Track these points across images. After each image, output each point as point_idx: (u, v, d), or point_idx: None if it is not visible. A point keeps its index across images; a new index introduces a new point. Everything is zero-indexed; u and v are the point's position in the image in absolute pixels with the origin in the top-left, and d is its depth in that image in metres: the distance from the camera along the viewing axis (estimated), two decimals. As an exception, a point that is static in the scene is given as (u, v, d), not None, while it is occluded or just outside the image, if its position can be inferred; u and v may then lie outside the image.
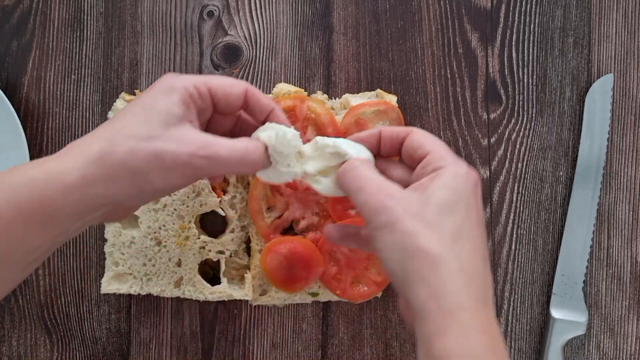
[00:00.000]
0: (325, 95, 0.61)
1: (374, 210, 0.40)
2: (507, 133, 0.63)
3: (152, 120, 0.42)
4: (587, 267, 0.62)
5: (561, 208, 0.63)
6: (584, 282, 0.61)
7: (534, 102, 0.63)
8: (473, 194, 0.41)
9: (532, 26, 0.63)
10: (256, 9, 0.63)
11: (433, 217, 0.39)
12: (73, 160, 0.40)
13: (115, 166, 0.40)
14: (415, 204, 0.40)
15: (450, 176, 0.41)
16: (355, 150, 0.46)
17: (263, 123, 0.48)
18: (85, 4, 0.63)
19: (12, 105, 0.60)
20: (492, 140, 0.63)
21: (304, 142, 0.48)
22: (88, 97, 0.63)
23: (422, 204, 0.40)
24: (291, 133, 0.46)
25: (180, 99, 0.43)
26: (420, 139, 0.44)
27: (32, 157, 0.62)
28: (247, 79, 0.63)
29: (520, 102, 0.63)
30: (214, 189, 0.60)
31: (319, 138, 0.47)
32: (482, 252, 0.41)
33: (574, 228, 0.61)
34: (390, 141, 0.46)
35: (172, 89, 0.43)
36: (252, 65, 0.63)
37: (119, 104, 0.60)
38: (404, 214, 0.39)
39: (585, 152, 0.62)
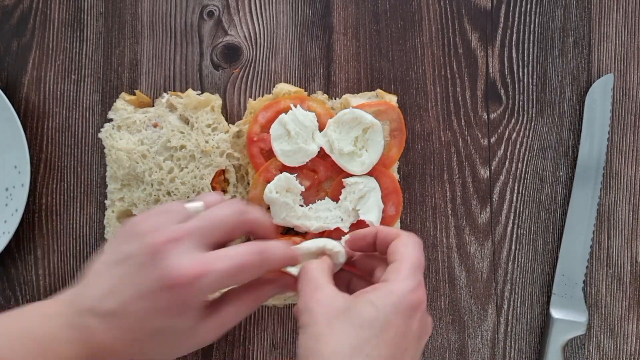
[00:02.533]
0: (325, 95, 0.61)
1: (301, 311, 0.42)
2: (507, 133, 0.63)
3: (175, 344, 0.43)
4: (587, 267, 0.62)
5: (561, 208, 0.63)
6: (584, 282, 0.61)
7: (534, 102, 0.63)
8: (400, 314, 0.41)
9: (532, 26, 0.63)
10: (256, 9, 0.63)
11: (342, 325, 0.40)
12: None
13: None
14: (337, 311, 0.41)
15: (384, 291, 0.42)
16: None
17: None
18: (85, 4, 0.63)
19: (12, 105, 0.60)
20: (492, 140, 0.63)
21: None
22: (88, 97, 0.63)
23: (343, 312, 0.41)
24: (310, 113, 0.57)
25: (196, 314, 0.43)
26: (397, 245, 0.45)
27: (32, 157, 0.62)
28: (247, 79, 0.63)
29: (520, 102, 0.63)
30: (214, 188, 0.60)
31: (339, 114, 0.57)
32: None
33: (574, 228, 0.61)
34: (384, 241, 0.47)
35: (189, 309, 0.42)
36: (252, 65, 0.63)
37: (119, 104, 0.60)
38: (320, 317, 0.41)
39: (585, 152, 0.62)
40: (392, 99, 0.60)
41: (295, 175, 0.56)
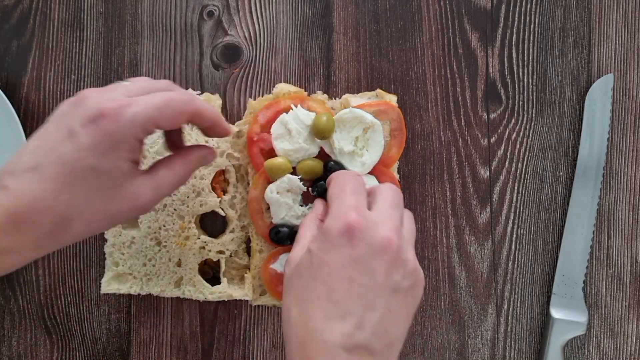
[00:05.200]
0: (326, 95, 0.61)
1: None
2: (507, 133, 0.63)
3: (107, 195, 0.41)
4: (587, 267, 0.62)
5: (561, 208, 0.63)
6: (584, 282, 0.61)
7: (534, 102, 0.63)
8: (333, 250, 0.43)
9: (532, 26, 0.63)
10: (256, 9, 0.63)
11: (290, 279, 0.46)
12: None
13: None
14: (289, 269, 0.47)
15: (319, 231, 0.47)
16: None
17: (206, 132, 0.50)
18: (85, 4, 0.63)
19: (12, 105, 0.60)
20: (492, 140, 0.63)
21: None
22: (88, 97, 0.63)
23: (290, 268, 0.47)
24: (310, 113, 0.57)
25: (127, 156, 0.42)
26: (328, 194, 0.49)
27: (32, 157, 0.62)
28: (247, 79, 0.63)
29: (520, 102, 0.63)
30: (214, 189, 0.60)
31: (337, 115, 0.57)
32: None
33: (574, 228, 0.61)
34: None
35: (116, 145, 0.40)
36: (252, 65, 0.63)
37: (119, 104, 0.60)
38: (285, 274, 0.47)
39: (585, 152, 0.62)
40: (392, 99, 0.60)
41: (300, 177, 0.56)
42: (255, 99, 0.61)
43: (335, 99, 0.61)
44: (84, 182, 0.40)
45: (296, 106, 0.57)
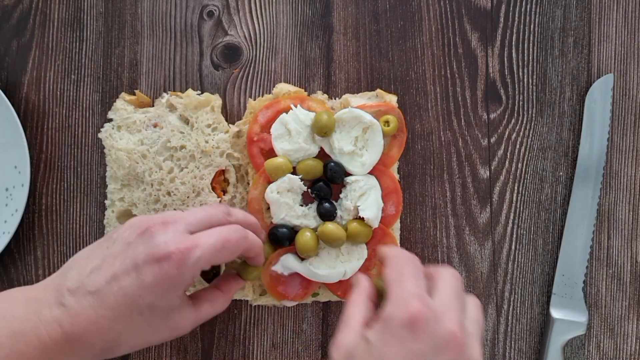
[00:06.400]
0: (325, 95, 0.61)
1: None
2: (507, 133, 0.63)
3: (156, 326, 0.44)
4: (587, 267, 0.62)
5: (561, 208, 0.63)
6: (584, 282, 0.61)
7: (534, 102, 0.63)
8: (393, 342, 0.39)
9: (532, 26, 0.63)
10: (256, 9, 0.63)
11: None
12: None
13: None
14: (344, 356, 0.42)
15: (378, 322, 0.41)
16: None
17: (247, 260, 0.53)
18: (85, 4, 0.63)
19: (12, 105, 0.60)
20: (492, 140, 0.63)
21: None
22: (88, 97, 0.63)
23: (349, 357, 0.41)
24: (310, 113, 0.57)
25: (181, 294, 0.45)
26: (385, 272, 0.44)
27: (32, 157, 0.62)
28: (247, 79, 0.63)
29: (520, 102, 0.63)
30: (214, 189, 0.60)
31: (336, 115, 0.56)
32: None
33: (574, 228, 0.61)
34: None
35: (175, 286, 0.43)
36: (252, 65, 0.63)
37: (119, 104, 0.60)
38: None
39: (585, 152, 0.62)
40: (392, 99, 0.60)
41: (300, 177, 0.56)
42: (255, 99, 0.61)
43: (335, 99, 0.61)
44: (139, 316, 0.42)
45: (296, 106, 0.57)
